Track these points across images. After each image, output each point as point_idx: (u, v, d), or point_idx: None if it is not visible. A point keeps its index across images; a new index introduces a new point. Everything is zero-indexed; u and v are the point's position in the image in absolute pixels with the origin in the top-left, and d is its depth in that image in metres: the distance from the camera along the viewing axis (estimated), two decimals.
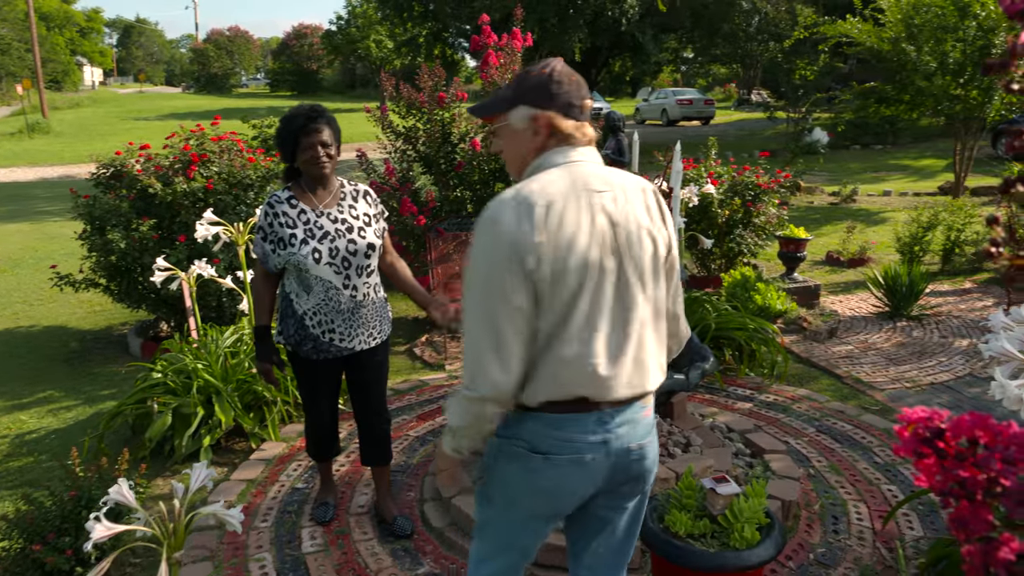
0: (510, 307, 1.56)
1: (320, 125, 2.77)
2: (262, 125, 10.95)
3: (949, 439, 0.65)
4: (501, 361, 1.56)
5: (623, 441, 1.69)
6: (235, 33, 54.57)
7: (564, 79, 1.69)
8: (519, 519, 1.78)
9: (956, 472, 0.63)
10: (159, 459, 3.82)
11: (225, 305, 5.27)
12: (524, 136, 1.71)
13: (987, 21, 9.54)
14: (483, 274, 1.58)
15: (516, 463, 1.69)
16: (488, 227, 1.59)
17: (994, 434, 0.63)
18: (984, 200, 10.43)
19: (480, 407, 1.59)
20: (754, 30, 20.56)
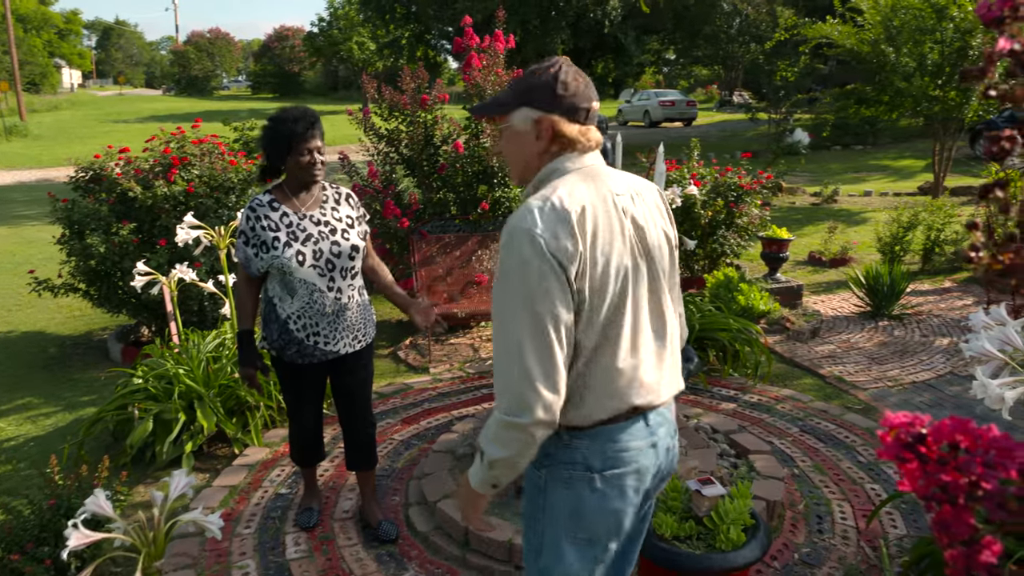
0: (556, 322, 1.46)
1: (316, 131, 2.77)
2: (244, 128, 10.88)
3: (931, 443, 0.65)
4: (551, 381, 1.46)
5: (664, 441, 1.67)
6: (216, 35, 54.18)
7: (570, 80, 1.60)
8: (580, 555, 1.62)
9: (938, 476, 0.62)
10: (140, 466, 3.78)
11: (207, 309, 5.22)
12: (526, 139, 1.63)
13: (964, 23, 9.66)
14: (524, 288, 1.46)
15: (572, 489, 1.58)
16: (523, 238, 1.47)
17: (974, 438, 0.63)
18: (963, 200, 10.54)
19: (528, 434, 1.46)
20: (735, 32, 20.71)
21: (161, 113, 32.75)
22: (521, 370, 1.45)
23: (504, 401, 1.47)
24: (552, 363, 1.46)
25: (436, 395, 4.69)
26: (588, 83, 1.64)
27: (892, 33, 10.27)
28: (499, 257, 1.53)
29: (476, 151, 5.78)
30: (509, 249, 1.49)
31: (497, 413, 1.49)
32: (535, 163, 1.65)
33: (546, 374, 1.45)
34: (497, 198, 5.91)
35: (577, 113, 1.60)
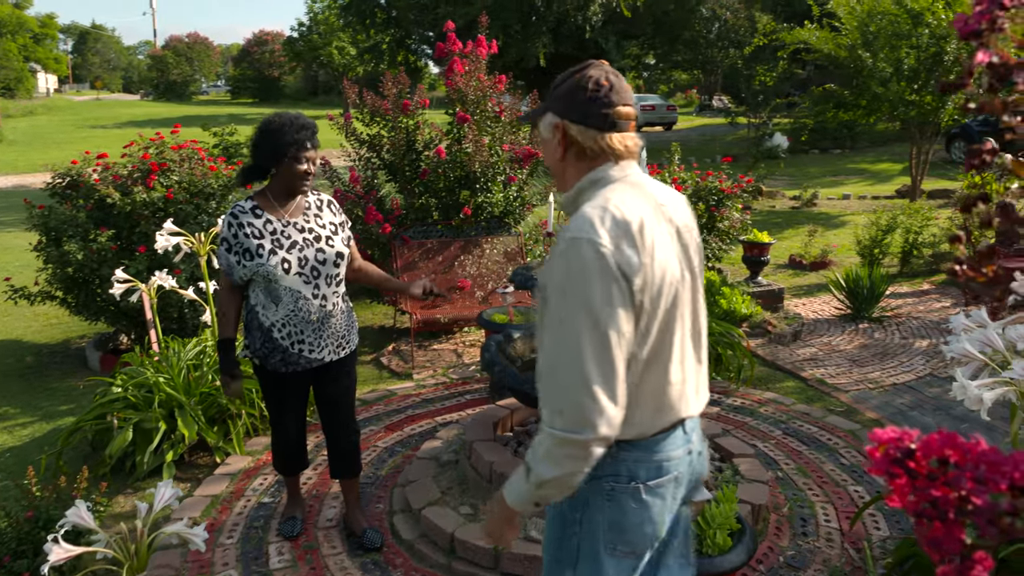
0: (619, 334, 1.41)
1: (316, 142, 2.76)
2: (223, 133, 10.77)
3: (920, 458, 0.65)
4: (614, 396, 1.40)
5: (696, 446, 1.67)
6: (194, 40, 53.83)
7: (590, 84, 1.54)
8: (618, 568, 1.59)
9: (928, 492, 0.62)
10: (120, 476, 3.72)
11: (187, 317, 5.16)
12: (550, 145, 1.61)
13: (939, 29, 9.80)
14: (587, 300, 1.40)
15: (615, 501, 1.55)
16: (586, 249, 1.42)
17: (963, 452, 0.63)
18: (940, 203, 10.67)
19: (587, 451, 1.39)
20: (714, 37, 20.87)
21: (139, 118, 32.45)
22: (583, 384, 1.38)
23: (559, 417, 1.40)
24: (616, 377, 1.41)
25: (419, 401, 4.67)
26: (614, 87, 1.56)
27: (869, 38, 10.39)
28: (552, 266, 1.47)
29: (458, 156, 5.77)
30: (569, 259, 1.44)
31: (551, 430, 1.41)
32: (561, 169, 1.63)
33: (610, 388, 1.40)
34: (479, 203, 5.90)
35: (594, 118, 1.54)
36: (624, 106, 1.55)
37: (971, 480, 0.63)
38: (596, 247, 1.41)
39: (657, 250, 1.47)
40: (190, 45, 52.68)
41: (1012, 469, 0.63)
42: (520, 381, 3.06)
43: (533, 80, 19.54)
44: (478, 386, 4.90)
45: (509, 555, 2.83)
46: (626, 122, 1.56)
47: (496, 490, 3.12)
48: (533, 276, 3.10)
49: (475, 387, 4.89)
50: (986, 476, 0.63)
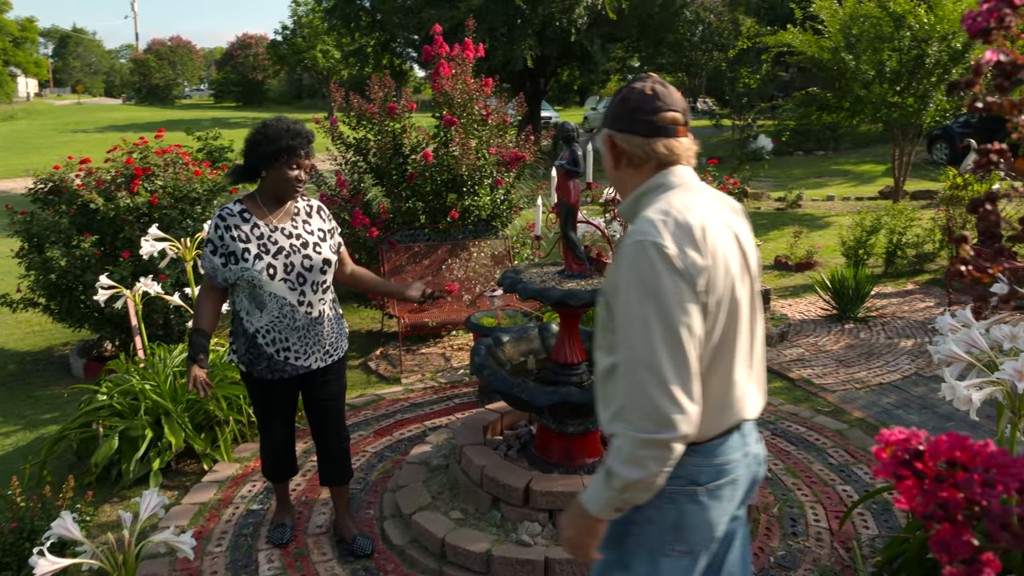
0: (691, 333, 1.44)
1: (311, 149, 2.74)
2: (207, 137, 10.71)
3: (927, 460, 0.65)
4: (692, 394, 1.43)
5: (754, 449, 1.69)
6: (177, 43, 53.44)
7: (634, 95, 1.59)
8: (675, 568, 1.61)
9: (936, 494, 0.62)
10: (106, 484, 3.68)
11: (172, 323, 5.12)
12: (606, 158, 1.66)
13: (921, 32, 9.89)
14: (657, 301, 1.43)
15: (675, 504, 1.57)
16: (652, 251, 1.45)
17: (972, 455, 0.63)
18: (923, 203, 10.76)
19: (669, 450, 1.42)
20: (698, 39, 20.95)
21: (121, 123, 32.19)
22: (661, 385, 1.41)
23: (640, 418, 1.42)
24: (691, 376, 1.43)
25: (408, 406, 4.65)
26: (659, 95, 1.59)
27: (851, 41, 10.48)
28: (618, 271, 1.50)
29: (445, 160, 5.76)
30: (635, 262, 1.46)
31: (631, 432, 1.42)
32: (618, 180, 1.67)
33: (687, 388, 1.42)
34: (467, 207, 5.89)
35: (638, 126, 1.58)
36: (669, 112, 1.59)
37: (980, 483, 0.63)
38: (660, 249, 1.45)
39: (719, 253, 1.51)
40: (173, 49, 52.31)
41: (1021, 471, 0.63)
42: (510, 385, 3.05)
43: (520, 83, 19.57)
44: (467, 390, 4.89)
45: (501, 559, 2.82)
46: (673, 127, 1.60)
47: (485, 493, 3.12)
48: (521, 279, 3.09)
49: (464, 391, 4.88)
50: (996, 479, 0.63)
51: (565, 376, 3.22)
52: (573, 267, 3.14)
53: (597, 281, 3.06)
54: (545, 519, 3.04)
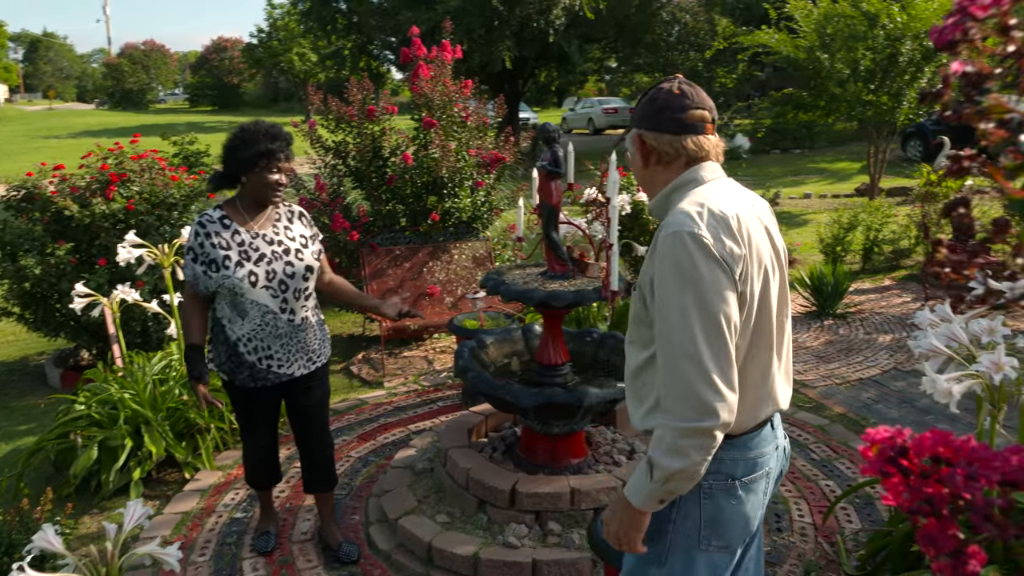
0: (729, 322, 1.45)
1: (290, 153, 2.71)
2: (183, 142, 10.61)
3: (912, 457, 0.66)
4: (731, 382, 1.44)
5: (782, 442, 1.72)
6: (151, 47, 52.81)
7: (662, 95, 1.61)
8: (710, 563, 1.63)
9: (922, 490, 0.63)
10: (85, 496, 3.62)
11: (151, 330, 5.06)
12: (635, 157, 1.69)
13: (894, 31, 10.01)
14: (696, 290, 1.44)
15: (712, 499, 1.59)
16: (689, 241, 1.46)
17: (955, 450, 0.64)
18: (898, 200, 10.89)
19: (712, 438, 1.43)
20: (674, 40, 21.08)
21: (95, 128, 31.76)
22: (701, 373, 1.42)
23: (681, 407, 1.43)
24: (730, 364, 1.45)
25: (391, 409, 4.63)
26: (686, 93, 1.61)
27: (826, 40, 10.58)
28: (656, 262, 1.51)
29: (425, 162, 5.74)
30: (674, 252, 1.47)
31: (672, 421, 1.44)
32: (648, 179, 1.68)
33: (726, 375, 1.44)
34: (447, 209, 5.88)
35: (667, 124, 1.60)
36: (697, 109, 1.60)
37: (963, 477, 0.64)
38: (697, 238, 1.47)
39: (753, 243, 1.53)
40: (146, 53, 51.69)
41: (1002, 465, 0.64)
42: (495, 387, 3.05)
43: (498, 84, 19.57)
44: (450, 392, 4.88)
45: (488, 562, 2.82)
46: (701, 124, 1.61)
47: (471, 496, 3.11)
48: (504, 281, 3.09)
49: (447, 394, 4.86)
50: (978, 472, 0.64)
51: (549, 377, 3.21)
52: (556, 268, 3.14)
53: (580, 282, 3.06)
54: (531, 520, 3.04)
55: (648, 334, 1.58)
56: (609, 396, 3.00)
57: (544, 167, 3.07)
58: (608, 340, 3.57)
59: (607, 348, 3.55)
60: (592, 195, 5.35)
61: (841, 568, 2.93)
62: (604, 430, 3.64)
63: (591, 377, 3.43)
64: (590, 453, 3.40)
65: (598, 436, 3.56)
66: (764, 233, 1.61)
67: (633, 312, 1.64)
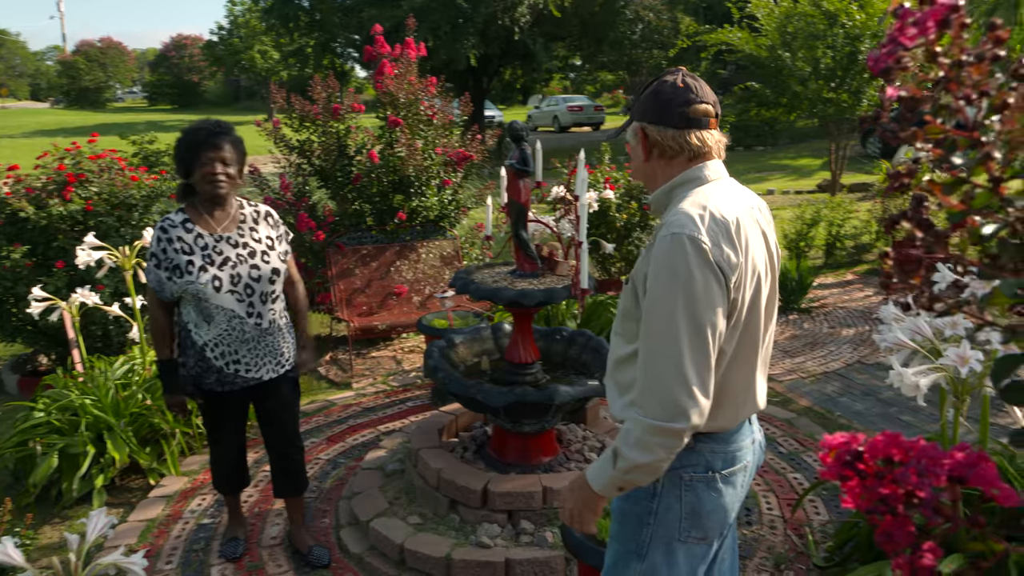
0: (715, 330, 1.47)
1: (223, 141, 2.62)
2: (143, 141, 10.38)
3: (867, 459, 0.68)
4: (706, 388, 1.47)
5: (758, 436, 1.75)
6: (107, 44, 51.70)
7: (665, 88, 1.59)
8: (689, 554, 1.66)
9: (877, 491, 0.65)
10: (46, 505, 3.53)
11: (112, 334, 4.95)
12: (636, 151, 1.67)
13: (853, 30, 10.19)
14: (687, 295, 1.45)
15: (692, 491, 1.62)
16: (688, 245, 1.46)
17: (906, 450, 0.66)
18: (859, 196, 11.08)
19: (679, 439, 1.46)
20: (638, 38, 21.23)
21: (50, 127, 31.01)
22: (679, 376, 1.44)
23: (654, 406, 1.46)
24: (708, 370, 1.47)
25: (360, 411, 4.59)
26: (690, 87, 1.59)
27: (787, 39, 10.73)
28: (653, 260, 1.50)
29: (391, 161, 5.70)
30: (671, 254, 1.47)
31: (643, 418, 1.46)
32: (649, 172, 1.67)
33: (703, 381, 1.46)
34: (414, 207, 5.84)
35: (670, 118, 1.58)
36: (701, 104, 1.59)
37: (914, 475, 0.67)
38: (697, 243, 1.46)
39: (750, 250, 1.53)
40: (103, 50, 50.58)
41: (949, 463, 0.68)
42: (465, 387, 3.03)
43: (463, 82, 19.52)
44: (419, 393, 4.85)
45: (461, 562, 2.80)
46: (705, 119, 1.60)
47: (442, 497, 3.09)
48: (473, 280, 3.07)
49: (416, 394, 4.84)
50: (927, 470, 0.67)
51: (520, 376, 3.21)
52: (525, 266, 3.14)
53: (550, 280, 3.06)
54: (504, 520, 3.03)
55: (635, 328, 1.59)
56: (580, 394, 3.00)
57: (512, 166, 3.06)
58: (578, 338, 3.58)
59: (577, 346, 3.55)
60: (560, 193, 5.36)
61: (810, 560, 2.97)
62: (575, 427, 3.65)
63: (561, 375, 3.44)
64: (561, 451, 3.40)
65: (569, 434, 3.57)
66: (761, 239, 1.61)
67: (623, 306, 1.65)
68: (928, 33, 0.58)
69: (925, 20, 0.58)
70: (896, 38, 0.61)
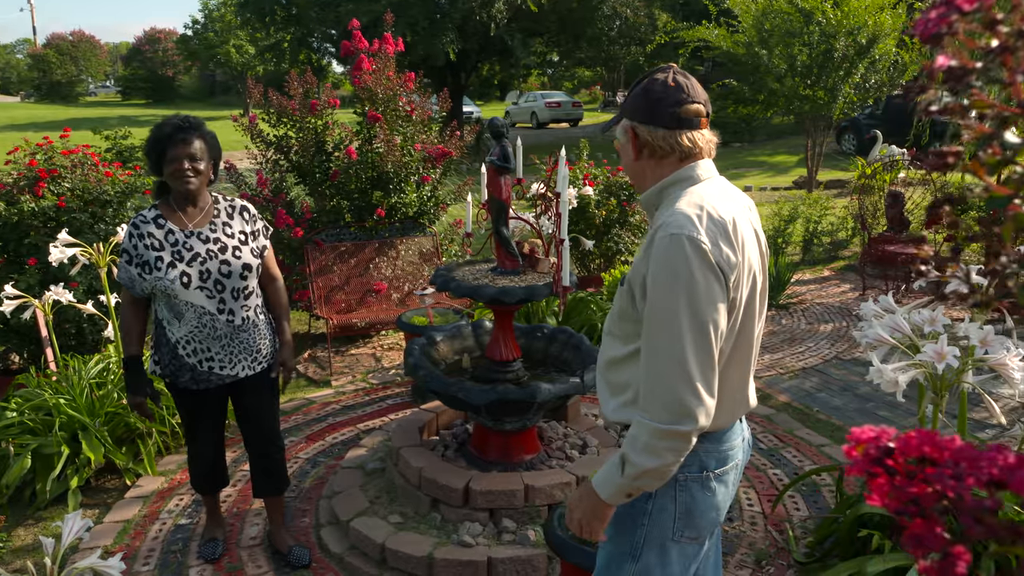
0: (716, 329, 1.46)
1: (190, 137, 2.57)
2: (116, 136, 10.22)
3: (898, 457, 0.66)
4: (711, 388, 1.46)
5: (747, 434, 1.76)
6: (79, 37, 50.82)
7: (657, 86, 1.56)
8: (681, 553, 1.66)
9: (908, 490, 0.63)
10: (19, 506, 3.47)
11: (86, 332, 4.87)
12: (625, 149, 1.64)
13: (828, 27, 10.27)
14: (688, 295, 1.44)
15: (686, 491, 1.62)
16: (687, 245, 1.45)
17: (941, 450, 0.64)
18: (835, 192, 11.19)
19: (687, 441, 1.46)
20: (615, 34, 21.25)
21: (21, 121, 30.45)
22: (684, 377, 1.43)
23: (660, 409, 1.45)
24: (712, 370, 1.46)
25: (340, 408, 4.55)
26: (682, 86, 1.57)
27: (764, 36, 10.81)
28: (652, 262, 1.49)
29: (370, 157, 5.66)
30: (670, 255, 1.46)
31: (649, 422, 1.45)
32: (639, 171, 1.65)
33: (707, 381, 1.45)
34: (393, 204, 5.80)
35: (659, 117, 1.56)
36: (692, 104, 1.57)
37: (951, 477, 0.64)
38: (697, 243, 1.45)
39: (746, 250, 1.53)
40: (74, 43, 49.71)
41: (988, 465, 0.64)
42: (446, 384, 3.02)
43: (440, 78, 19.44)
44: (399, 390, 4.82)
45: (443, 561, 2.79)
46: (696, 119, 1.58)
47: (424, 495, 3.07)
48: (454, 277, 3.05)
49: (396, 391, 4.81)
50: (965, 472, 0.64)
51: (501, 373, 3.20)
52: (506, 264, 3.12)
53: (530, 277, 3.05)
54: (486, 519, 3.02)
55: (632, 329, 1.58)
56: (562, 391, 3.00)
57: (493, 162, 3.05)
58: (559, 335, 3.57)
59: (558, 343, 3.55)
60: (539, 190, 5.35)
61: (791, 556, 2.99)
62: (555, 425, 3.64)
63: (542, 373, 3.43)
64: (543, 449, 3.40)
65: (550, 431, 3.56)
66: (755, 238, 1.61)
67: (619, 307, 1.63)
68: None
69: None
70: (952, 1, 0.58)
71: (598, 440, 3.55)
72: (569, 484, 3.09)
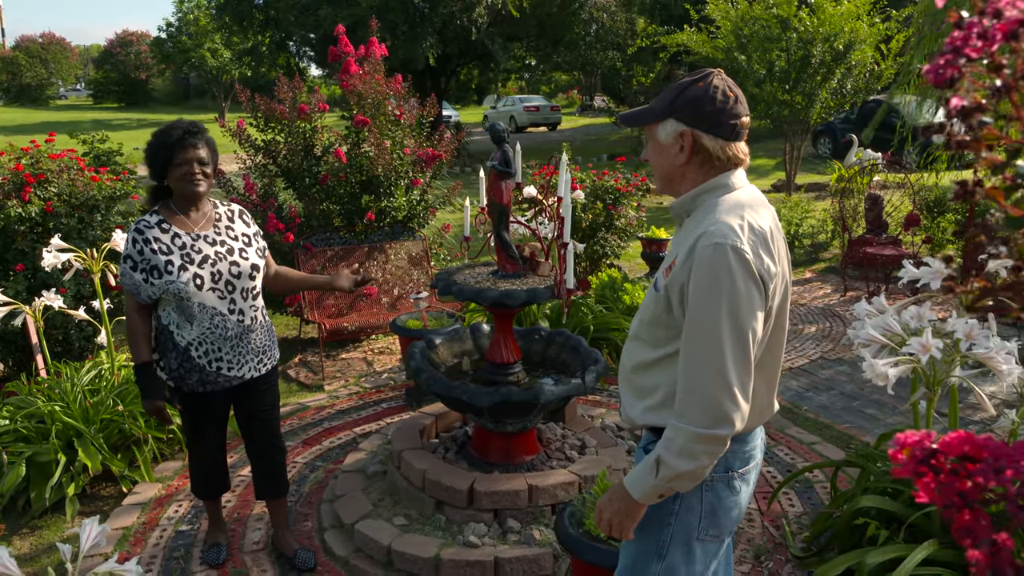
0: (755, 337, 1.50)
1: (199, 141, 2.60)
2: (93, 140, 10.11)
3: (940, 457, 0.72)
4: (747, 394, 1.50)
5: (763, 436, 1.80)
6: (49, 40, 50.06)
7: (718, 95, 1.57)
8: (704, 552, 1.70)
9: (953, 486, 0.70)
10: (13, 515, 3.43)
11: (73, 338, 4.82)
12: (669, 151, 1.63)
13: (805, 34, 10.45)
14: (731, 303, 1.47)
15: (712, 491, 1.66)
16: (731, 255, 1.47)
17: (979, 448, 0.71)
18: (814, 195, 11.37)
19: (723, 445, 1.50)
20: (593, 39, 21.40)
21: None
22: (723, 383, 1.47)
23: (698, 414, 1.48)
24: (749, 376, 1.51)
25: (335, 413, 4.55)
26: (738, 97, 1.60)
27: (743, 42, 10.96)
28: (695, 271, 1.51)
29: (359, 160, 5.66)
30: (714, 264, 1.48)
31: (687, 426, 1.49)
32: (678, 174, 1.65)
33: (744, 387, 1.49)
34: (383, 208, 5.81)
35: (722, 128, 1.58)
36: (745, 116, 1.61)
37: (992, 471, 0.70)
38: (741, 253, 1.49)
39: (781, 260, 1.58)
40: (44, 46, 48.95)
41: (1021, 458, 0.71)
42: (450, 387, 3.04)
43: (421, 82, 19.43)
44: (393, 394, 4.83)
45: (450, 562, 2.81)
46: (743, 131, 1.62)
47: (428, 497, 3.09)
48: (455, 281, 3.08)
49: (390, 395, 4.82)
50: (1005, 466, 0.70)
51: (502, 376, 3.23)
52: (507, 267, 3.15)
53: (531, 280, 3.08)
54: (490, 519, 3.05)
55: (663, 335, 1.62)
56: (564, 393, 3.03)
57: (494, 167, 3.08)
58: (556, 338, 3.61)
59: (556, 346, 3.59)
60: (533, 193, 5.39)
61: (788, 551, 3.06)
62: (554, 426, 3.68)
63: (541, 375, 3.47)
64: (542, 450, 3.43)
65: (549, 432, 3.60)
66: (785, 246, 1.66)
67: (651, 313, 1.66)
68: (993, 46, 0.62)
69: (994, 33, 0.62)
70: (960, 48, 0.64)
71: (596, 440, 3.59)
72: (572, 484, 3.13)
